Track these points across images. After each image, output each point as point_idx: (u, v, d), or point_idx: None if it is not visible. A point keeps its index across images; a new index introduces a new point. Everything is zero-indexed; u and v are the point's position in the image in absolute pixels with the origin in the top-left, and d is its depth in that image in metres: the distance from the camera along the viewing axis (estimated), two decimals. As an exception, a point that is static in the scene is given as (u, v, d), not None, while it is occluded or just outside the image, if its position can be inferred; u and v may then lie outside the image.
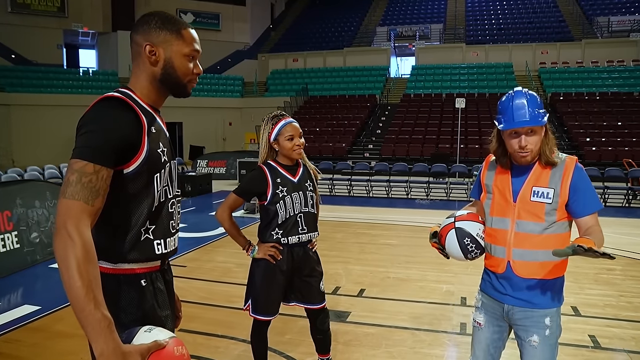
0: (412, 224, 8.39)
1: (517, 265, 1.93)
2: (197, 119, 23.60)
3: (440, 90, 22.55)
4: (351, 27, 29.81)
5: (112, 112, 1.35)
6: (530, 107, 1.89)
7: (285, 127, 2.64)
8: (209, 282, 5.12)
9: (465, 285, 4.86)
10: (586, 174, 1.92)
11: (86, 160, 1.27)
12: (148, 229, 1.46)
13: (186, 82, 1.52)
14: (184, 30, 1.49)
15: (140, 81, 1.49)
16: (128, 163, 1.37)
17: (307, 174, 2.75)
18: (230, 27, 29.87)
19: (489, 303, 2.05)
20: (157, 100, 1.53)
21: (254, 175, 2.66)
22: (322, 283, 2.81)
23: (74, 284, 1.15)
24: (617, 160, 14.56)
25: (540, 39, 24.68)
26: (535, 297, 1.92)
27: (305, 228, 2.66)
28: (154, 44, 1.45)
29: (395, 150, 17.73)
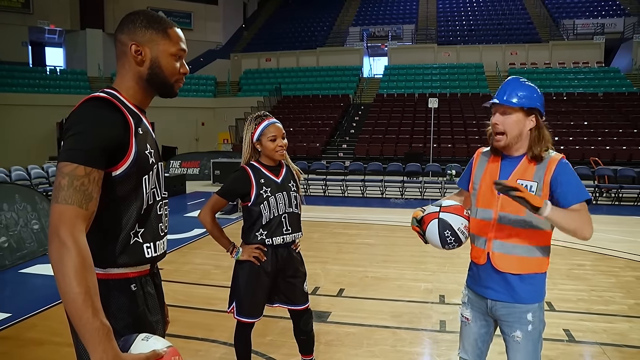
0: (387, 223, 8.46)
1: (496, 258, 1.96)
2: (169, 119, 23.20)
3: (412, 90, 22.79)
4: (324, 27, 29.86)
5: (100, 112, 1.32)
6: (513, 90, 1.93)
7: (268, 127, 2.63)
8: (188, 284, 5.06)
9: (442, 283, 4.94)
10: (571, 168, 1.92)
11: (77, 163, 1.23)
12: (137, 232, 1.43)
13: (173, 82, 1.50)
14: (170, 30, 1.47)
15: (126, 81, 1.46)
16: (116, 165, 1.34)
17: (290, 174, 2.74)
18: (202, 27, 29.55)
19: (474, 298, 2.09)
20: (143, 101, 1.50)
21: (237, 176, 2.64)
22: (306, 284, 2.81)
23: (70, 291, 1.12)
24: (584, 159, 14.96)
25: (510, 40, 25.20)
26: (515, 292, 1.94)
27: (289, 228, 2.66)
28: (139, 44, 1.43)
29: (369, 150, 17.84)
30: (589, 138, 17.01)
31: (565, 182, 1.89)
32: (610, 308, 4.29)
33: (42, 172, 10.88)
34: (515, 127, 1.93)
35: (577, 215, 1.83)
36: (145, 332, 1.35)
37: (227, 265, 5.74)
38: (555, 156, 1.94)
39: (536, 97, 1.95)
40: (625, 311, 4.22)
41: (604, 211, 10.12)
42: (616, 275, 5.31)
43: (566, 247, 6.39)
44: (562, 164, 1.92)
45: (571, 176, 1.90)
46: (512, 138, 1.94)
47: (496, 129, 1.96)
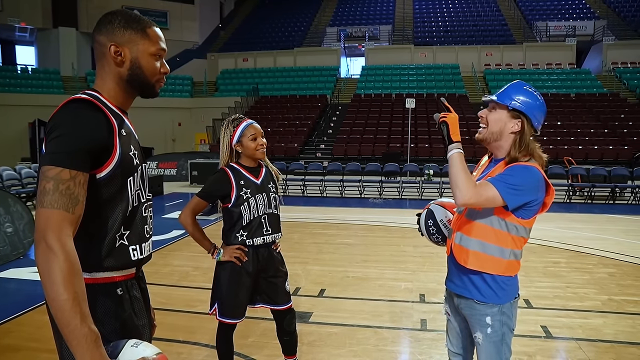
0: (366, 222, 8.51)
1: (456, 249, 2.00)
2: (145, 119, 22.75)
3: (390, 91, 22.97)
4: (301, 27, 29.88)
5: (82, 114, 1.30)
6: (510, 91, 1.95)
7: (247, 128, 2.65)
8: (167, 286, 5.00)
9: (422, 283, 4.99)
10: (523, 172, 1.86)
11: (61, 166, 1.22)
12: (123, 234, 1.41)
13: (154, 82, 1.49)
14: (149, 29, 1.45)
15: (107, 83, 1.45)
16: (101, 167, 1.33)
17: (270, 175, 2.75)
18: (178, 26, 29.23)
19: (448, 294, 2.15)
20: (124, 102, 1.49)
21: (217, 177, 2.64)
22: (288, 283, 2.81)
23: (58, 298, 1.11)
24: (557, 158, 15.28)
25: (485, 42, 25.62)
26: (472, 288, 1.96)
27: (269, 229, 2.67)
28: (119, 44, 1.41)
29: (347, 150, 17.90)
30: (562, 138, 17.39)
31: (504, 172, 1.87)
32: (585, 304, 4.40)
33: (15, 173, 10.61)
34: (496, 124, 1.95)
35: (467, 177, 1.81)
36: (132, 337, 1.35)
37: (207, 267, 5.72)
38: (525, 161, 1.91)
39: (530, 105, 1.93)
40: (599, 307, 4.34)
41: (577, 209, 10.36)
42: (590, 272, 5.44)
43: (542, 245, 6.53)
44: (514, 167, 1.88)
45: (512, 172, 1.85)
46: (490, 133, 1.96)
47: (480, 120, 2.01)
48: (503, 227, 1.90)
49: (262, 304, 2.79)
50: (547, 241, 6.70)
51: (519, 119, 1.94)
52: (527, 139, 1.93)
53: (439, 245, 2.20)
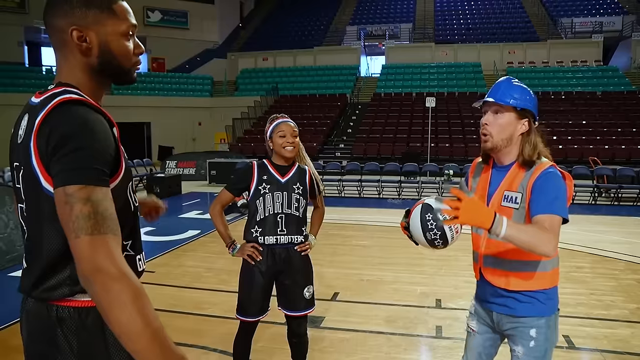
0: (384, 224, 8.36)
1: (488, 273, 1.88)
2: (166, 119, 23.18)
3: (410, 90, 22.71)
4: (321, 26, 29.79)
5: (92, 119, 1.11)
6: (507, 89, 1.82)
7: (279, 125, 2.64)
8: (179, 288, 4.94)
9: (439, 287, 4.83)
10: (556, 179, 1.74)
11: (92, 185, 1.04)
12: (126, 245, 1.26)
13: (130, 67, 1.27)
14: (115, 4, 1.21)
15: (76, 75, 1.22)
16: (113, 177, 1.15)
17: (300, 176, 2.66)
18: (198, 26, 29.42)
19: (481, 311, 2.01)
20: (98, 95, 1.27)
21: (242, 170, 2.68)
22: (309, 290, 2.72)
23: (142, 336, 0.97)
24: (582, 158, 14.89)
25: (508, 39, 25.15)
26: (514, 307, 1.84)
27: (284, 230, 2.59)
28: (82, 27, 1.17)
29: (366, 150, 17.73)
30: (587, 137, 16.94)
31: (541, 189, 1.72)
32: (611, 313, 4.19)
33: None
34: (506, 129, 1.81)
35: (534, 230, 1.61)
36: None
37: (219, 268, 5.65)
38: (544, 163, 1.80)
39: (530, 100, 1.83)
40: (626, 316, 4.13)
41: (603, 211, 10.02)
42: (616, 278, 5.21)
43: (564, 249, 6.29)
44: (546, 172, 1.76)
45: (550, 185, 1.72)
46: (500, 140, 1.82)
47: (485, 129, 1.85)
48: None
49: (281, 308, 2.74)
50: (570, 244, 6.47)
51: (526, 117, 1.82)
52: (536, 137, 1.82)
53: (432, 247, 1.88)
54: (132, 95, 23.53)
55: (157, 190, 11.44)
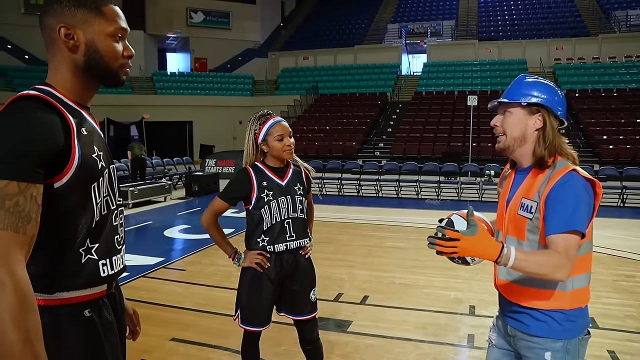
0: (421, 225, 8.15)
1: (501, 285, 1.74)
2: (207, 117, 23.57)
3: (452, 88, 22.23)
4: (362, 25, 29.55)
5: (30, 114, 1.10)
6: (516, 87, 1.68)
7: (274, 126, 2.46)
8: (208, 287, 4.94)
9: (474, 293, 4.63)
10: (574, 186, 1.55)
11: (7, 179, 1.03)
12: (90, 248, 1.23)
13: (117, 68, 1.29)
14: (105, 7, 1.25)
15: (61, 74, 1.25)
16: (58, 175, 1.14)
17: (298, 176, 2.56)
18: (240, 26, 29.75)
19: (500, 323, 1.85)
20: (84, 96, 1.29)
21: (239, 177, 2.49)
22: (314, 293, 2.62)
23: (7, 339, 0.95)
24: (635, 159, 14.15)
25: (555, 35, 24.18)
26: (531, 321, 1.66)
27: (293, 235, 2.48)
28: (69, 26, 1.21)
29: (406, 149, 17.45)
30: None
31: (557, 201, 1.54)
32: (662, 325, 3.90)
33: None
34: (516, 127, 1.66)
35: (544, 258, 1.48)
36: None
37: (250, 268, 5.61)
38: (562, 169, 1.59)
39: (546, 94, 1.66)
40: (678, 329, 3.82)
41: (656, 215, 9.47)
42: (668, 287, 4.86)
43: (612, 256, 5.94)
44: (564, 181, 1.55)
45: (566, 196, 1.54)
46: (512, 140, 1.68)
47: (495, 130, 1.72)
48: None
49: (285, 313, 2.62)
50: (619, 251, 6.10)
51: (539, 113, 1.65)
52: (550, 133, 1.64)
53: (454, 263, 1.80)
54: (174, 94, 24.06)
55: (195, 188, 11.59)
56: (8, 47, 22.98)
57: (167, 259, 6.04)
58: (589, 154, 15.74)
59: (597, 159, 15.10)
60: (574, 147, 1.74)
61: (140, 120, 21.35)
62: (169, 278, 5.33)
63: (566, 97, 8.47)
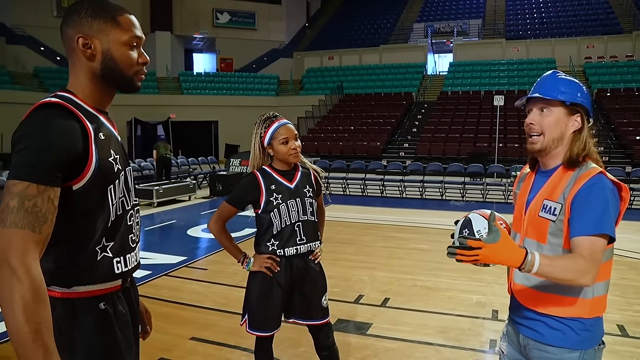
0: (445, 227, 8.03)
1: (516, 289, 1.66)
2: (232, 117, 23.74)
3: (478, 88, 21.92)
4: (387, 24, 29.39)
5: (52, 121, 1.18)
6: (553, 83, 1.59)
7: (278, 129, 2.42)
8: (229, 287, 4.96)
9: (497, 297, 4.53)
10: (602, 189, 1.48)
11: (28, 181, 1.11)
12: (105, 246, 1.31)
13: (132, 75, 1.35)
14: (121, 17, 1.32)
15: (80, 81, 1.32)
16: (76, 178, 1.21)
17: (306, 178, 2.52)
18: (265, 26, 29.92)
19: (511, 331, 1.78)
20: (102, 101, 1.37)
21: (246, 182, 2.47)
22: (325, 298, 2.57)
23: (20, 330, 1.02)
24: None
25: (586, 32, 23.60)
26: (546, 330, 1.59)
27: (304, 238, 2.44)
28: (87, 36, 1.29)
29: (431, 149, 17.27)
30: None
31: (585, 204, 1.48)
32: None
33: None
34: (556, 127, 1.58)
35: (569, 263, 1.42)
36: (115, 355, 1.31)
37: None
38: (591, 170, 1.52)
39: (582, 93, 1.59)
40: None
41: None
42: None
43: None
44: (591, 183, 1.49)
45: (594, 199, 1.47)
46: (550, 141, 1.58)
47: (531, 129, 1.61)
48: None
49: (296, 319, 2.58)
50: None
51: (578, 113, 1.58)
52: (586, 135, 1.58)
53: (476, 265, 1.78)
54: (200, 95, 24.34)
55: (219, 187, 11.70)
56: (41, 49, 23.58)
57: (189, 258, 6.10)
58: (621, 155, 15.30)
59: (630, 160, 14.67)
60: (605, 148, 1.67)
61: (166, 120, 21.65)
62: (191, 277, 5.38)
63: (597, 97, 8.34)
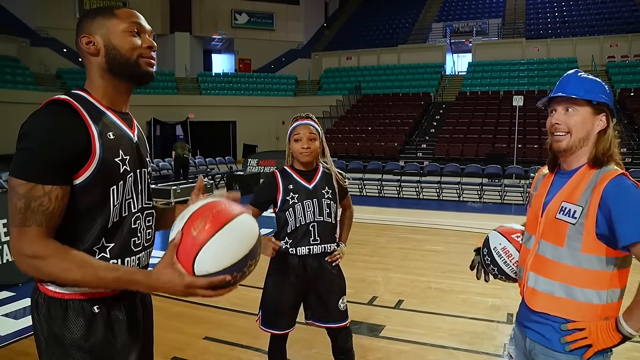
0: (461, 229, 7.99)
1: (529, 293, 1.64)
2: (250, 117, 23.91)
3: (497, 88, 21.70)
4: (406, 24, 29.25)
5: (56, 119, 1.20)
6: (578, 82, 1.56)
7: (295, 128, 2.47)
8: (244, 286, 4.94)
9: (512, 300, 4.48)
10: (630, 188, 1.46)
11: (33, 182, 1.15)
12: (105, 247, 1.30)
13: (136, 58, 1.35)
14: (118, 10, 1.35)
15: (94, 81, 1.35)
16: (77, 173, 1.23)
17: (327, 179, 2.52)
18: (284, 27, 30.03)
19: (518, 335, 1.77)
20: (116, 99, 1.38)
21: (264, 183, 2.54)
22: (343, 301, 2.57)
23: (88, 281, 1.18)
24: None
25: (609, 31, 23.16)
26: (552, 335, 1.57)
27: (317, 239, 2.46)
28: (89, 34, 1.33)
29: (449, 150, 17.15)
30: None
31: (623, 208, 1.43)
32: None
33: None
34: (582, 127, 1.55)
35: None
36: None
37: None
38: (610, 172, 1.50)
39: (606, 93, 1.57)
40: None
41: None
42: None
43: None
44: (615, 183, 1.46)
45: (632, 201, 1.43)
46: (577, 140, 1.55)
47: (557, 129, 1.58)
48: (597, 266, 1.50)
49: (313, 321, 2.59)
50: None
51: (603, 113, 1.55)
52: (611, 135, 1.55)
53: (501, 280, 1.84)
54: (219, 95, 24.52)
55: (236, 187, 11.78)
56: (64, 50, 24.02)
57: (205, 258, 6.13)
58: (644, 157, 15.02)
59: (653, 162, 14.39)
60: (628, 149, 1.65)
61: (185, 120, 21.86)
62: (207, 276, 5.42)
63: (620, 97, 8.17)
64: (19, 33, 22.70)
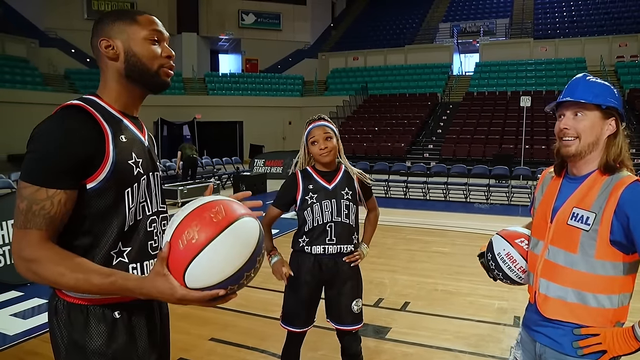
0: (468, 230, 7.96)
1: (541, 300, 1.62)
2: (257, 118, 23.96)
3: (505, 88, 21.62)
4: (413, 24, 29.20)
5: (68, 124, 1.20)
6: (587, 86, 1.55)
7: (311, 130, 2.49)
8: (250, 288, 4.98)
9: (519, 302, 4.46)
10: None
11: (37, 185, 1.15)
12: (122, 251, 1.30)
13: (156, 69, 1.35)
14: (139, 16, 1.35)
15: (108, 84, 1.35)
16: (91, 177, 1.22)
17: (347, 180, 2.52)
18: (291, 27, 30.07)
19: (526, 339, 1.76)
20: (129, 104, 1.38)
21: (286, 183, 2.57)
22: (357, 304, 2.56)
23: (80, 286, 1.15)
24: None
25: (618, 31, 23.01)
26: (563, 340, 1.56)
27: (334, 239, 2.46)
28: (109, 38, 1.32)
29: (455, 151, 17.10)
30: None
31: (638, 215, 1.42)
32: None
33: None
34: (592, 131, 1.53)
35: None
36: None
37: (292, 270, 5.64)
38: (625, 178, 1.49)
39: (615, 97, 1.56)
40: None
41: None
42: None
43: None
44: (632, 189, 1.45)
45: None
46: (586, 145, 1.54)
47: (565, 134, 1.56)
48: (611, 271, 1.50)
49: (330, 320, 2.61)
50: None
51: (612, 116, 1.54)
52: (622, 139, 1.54)
53: (508, 284, 1.86)
54: (226, 95, 24.57)
55: (242, 188, 11.78)
56: (72, 51, 24.18)
57: (212, 258, 6.15)
58: (654, 158, 14.91)
59: (662, 163, 14.28)
60: (638, 150, 1.63)
61: (192, 120, 21.95)
62: (213, 277, 5.43)
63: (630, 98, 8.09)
64: (28, 34, 22.90)
